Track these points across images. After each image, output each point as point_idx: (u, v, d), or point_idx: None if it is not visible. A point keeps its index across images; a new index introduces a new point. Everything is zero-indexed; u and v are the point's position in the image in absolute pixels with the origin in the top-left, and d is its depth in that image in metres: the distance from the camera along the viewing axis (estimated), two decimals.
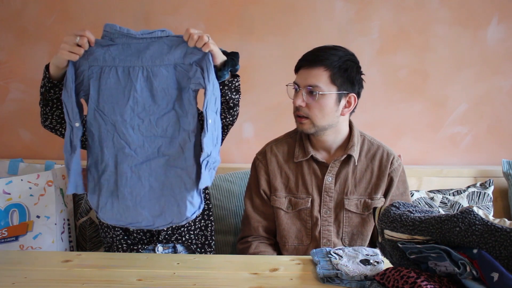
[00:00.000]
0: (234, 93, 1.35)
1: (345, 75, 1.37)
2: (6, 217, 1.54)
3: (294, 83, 1.42)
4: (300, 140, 1.50)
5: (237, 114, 1.42)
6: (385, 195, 1.47)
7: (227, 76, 1.30)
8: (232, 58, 1.29)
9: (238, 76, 1.35)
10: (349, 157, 1.45)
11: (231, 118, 1.41)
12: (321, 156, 1.47)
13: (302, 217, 1.46)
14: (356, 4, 2.04)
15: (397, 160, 1.49)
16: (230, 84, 1.33)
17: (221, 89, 1.31)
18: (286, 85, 1.45)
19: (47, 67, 1.30)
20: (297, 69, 1.43)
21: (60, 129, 1.41)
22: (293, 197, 1.47)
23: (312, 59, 1.39)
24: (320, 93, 1.36)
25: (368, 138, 1.51)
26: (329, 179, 1.45)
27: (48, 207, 1.58)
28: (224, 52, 1.31)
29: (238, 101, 1.39)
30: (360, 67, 1.43)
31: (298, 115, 1.41)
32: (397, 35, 2.06)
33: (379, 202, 1.45)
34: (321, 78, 1.36)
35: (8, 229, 1.53)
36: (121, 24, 2.10)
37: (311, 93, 1.37)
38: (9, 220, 1.54)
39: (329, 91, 1.37)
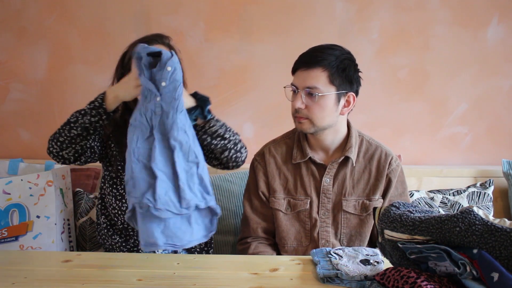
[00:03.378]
0: (215, 139, 1.36)
1: (343, 74, 1.37)
2: (6, 217, 1.54)
3: (292, 85, 1.41)
4: (298, 141, 1.49)
5: (240, 159, 1.43)
6: (384, 196, 1.47)
7: (194, 122, 1.30)
8: (201, 106, 1.30)
9: (217, 120, 1.36)
10: (347, 158, 1.44)
11: (232, 164, 1.44)
12: (319, 157, 1.47)
13: (301, 219, 1.46)
14: (356, 4, 2.04)
15: (395, 160, 1.48)
16: (203, 129, 1.35)
17: (197, 133, 1.31)
18: (284, 87, 1.44)
19: (101, 97, 1.32)
20: (294, 70, 1.42)
21: (70, 159, 1.39)
22: (292, 199, 1.46)
23: (309, 60, 1.37)
24: (319, 94, 1.36)
25: (367, 139, 1.50)
26: (327, 180, 1.44)
27: (48, 207, 1.58)
28: (195, 95, 1.33)
29: (227, 146, 1.38)
30: (357, 65, 1.43)
31: (298, 116, 1.41)
32: (397, 35, 2.06)
33: (377, 203, 1.44)
34: (319, 79, 1.36)
35: (8, 229, 1.53)
36: (121, 24, 2.11)
37: (310, 94, 1.36)
38: (9, 220, 1.54)
39: (328, 92, 1.36)
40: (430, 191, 1.91)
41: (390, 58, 2.08)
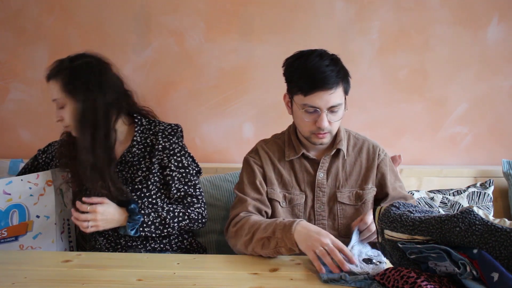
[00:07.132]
0: (160, 230, 1.45)
1: (346, 79, 1.41)
2: (6, 217, 1.54)
3: (312, 107, 1.36)
4: (289, 140, 1.52)
5: (195, 224, 1.50)
6: (381, 186, 1.50)
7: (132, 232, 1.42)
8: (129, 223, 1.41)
9: (146, 226, 1.43)
10: (338, 151, 1.49)
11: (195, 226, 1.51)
12: (311, 153, 1.50)
13: (296, 213, 1.47)
14: (356, 4, 2.04)
15: (382, 151, 1.54)
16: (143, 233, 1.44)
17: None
18: (303, 110, 1.38)
19: None
20: (310, 91, 1.34)
21: None
22: (287, 193, 1.48)
23: (329, 81, 1.34)
24: (341, 108, 1.39)
25: (353, 134, 1.56)
26: (321, 175, 1.47)
27: (48, 207, 1.58)
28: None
29: (177, 228, 1.46)
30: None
31: (321, 133, 1.40)
32: (397, 35, 2.06)
33: (371, 191, 1.48)
34: (341, 95, 1.38)
35: (8, 229, 1.53)
36: (121, 24, 2.10)
37: (332, 111, 1.38)
38: (9, 220, 1.54)
39: (343, 101, 1.40)
40: (430, 191, 1.91)
41: (390, 58, 2.07)
